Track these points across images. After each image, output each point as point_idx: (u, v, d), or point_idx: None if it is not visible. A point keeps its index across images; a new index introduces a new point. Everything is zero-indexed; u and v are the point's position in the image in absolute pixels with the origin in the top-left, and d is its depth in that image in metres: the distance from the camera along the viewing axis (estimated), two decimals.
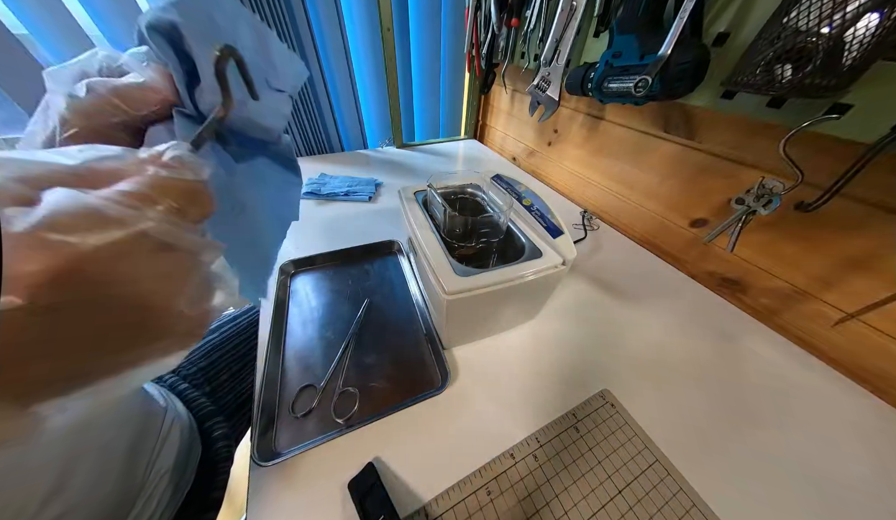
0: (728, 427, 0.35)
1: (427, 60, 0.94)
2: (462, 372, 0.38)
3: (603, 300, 0.50)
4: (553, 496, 0.29)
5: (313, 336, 0.42)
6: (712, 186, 0.49)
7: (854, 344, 0.39)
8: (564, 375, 0.39)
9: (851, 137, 0.33)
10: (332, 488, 0.29)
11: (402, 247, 0.56)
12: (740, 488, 0.30)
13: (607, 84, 0.48)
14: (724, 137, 0.45)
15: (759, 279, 0.47)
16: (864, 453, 0.33)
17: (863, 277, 0.37)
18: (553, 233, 0.38)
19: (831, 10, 0.27)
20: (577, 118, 0.71)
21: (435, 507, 0.28)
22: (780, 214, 0.40)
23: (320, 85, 0.84)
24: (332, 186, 0.74)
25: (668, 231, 0.57)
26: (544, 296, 0.43)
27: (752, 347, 0.43)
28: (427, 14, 0.86)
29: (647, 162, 0.58)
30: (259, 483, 0.29)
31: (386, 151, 1.00)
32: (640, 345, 0.43)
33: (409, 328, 0.43)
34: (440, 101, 1.04)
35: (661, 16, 0.42)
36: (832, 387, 0.39)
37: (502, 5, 0.69)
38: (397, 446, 0.32)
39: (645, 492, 0.30)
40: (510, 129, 0.97)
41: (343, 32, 0.79)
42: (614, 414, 0.35)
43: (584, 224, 0.67)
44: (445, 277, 0.31)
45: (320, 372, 0.37)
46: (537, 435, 0.33)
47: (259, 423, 0.32)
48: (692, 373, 0.40)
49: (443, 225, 0.39)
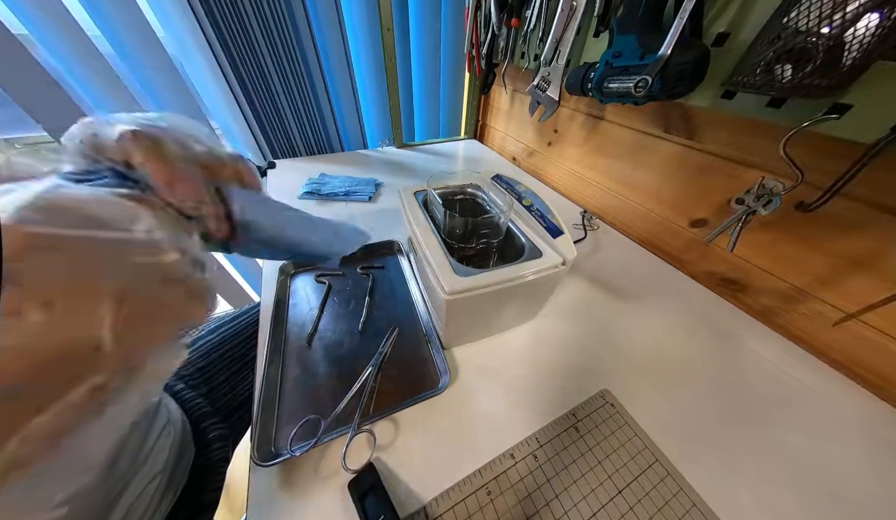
0: (728, 427, 0.35)
1: (427, 60, 0.94)
2: (462, 372, 0.38)
3: (603, 300, 0.50)
4: (553, 496, 0.29)
5: (314, 336, 0.42)
6: (712, 186, 0.49)
7: (854, 344, 0.39)
8: (564, 375, 0.39)
9: (851, 137, 0.33)
10: (333, 488, 0.29)
11: (402, 247, 0.56)
12: (740, 488, 0.30)
13: (607, 84, 0.48)
14: (724, 137, 0.45)
15: (759, 279, 0.47)
16: (864, 452, 0.33)
17: (863, 277, 0.37)
18: (553, 233, 0.38)
19: (831, 10, 0.27)
20: (577, 118, 0.71)
21: (435, 507, 0.28)
22: (780, 214, 0.40)
23: (320, 85, 0.84)
24: (332, 185, 0.74)
25: (668, 231, 0.57)
26: (544, 296, 0.43)
27: (752, 348, 0.43)
28: (427, 14, 0.86)
29: (647, 162, 0.58)
30: (259, 484, 0.29)
31: (386, 151, 1.00)
32: (640, 345, 0.43)
33: (409, 328, 0.43)
34: (440, 101, 1.04)
35: (661, 16, 0.42)
36: (832, 387, 0.39)
37: (502, 5, 0.69)
38: (397, 446, 0.32)
39: (645, 492, 0.30)
40: (510, 129, 0.97)
41: (343, 32, 0.79)
42: (614, 414, 0.35)
43: (584, 224, 0.67)
44: (445, 277, 0.31)
45: (321, 371, 0.37)
46: (537, 435, 0.33)
47: (259, 423, 0.32)
48: (692, 373, 0.40)
49: (443, 225, 0.39)
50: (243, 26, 0.68)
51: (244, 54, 0.72)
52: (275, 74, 0.77)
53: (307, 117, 0.87)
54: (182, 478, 0.35)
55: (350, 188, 0.74)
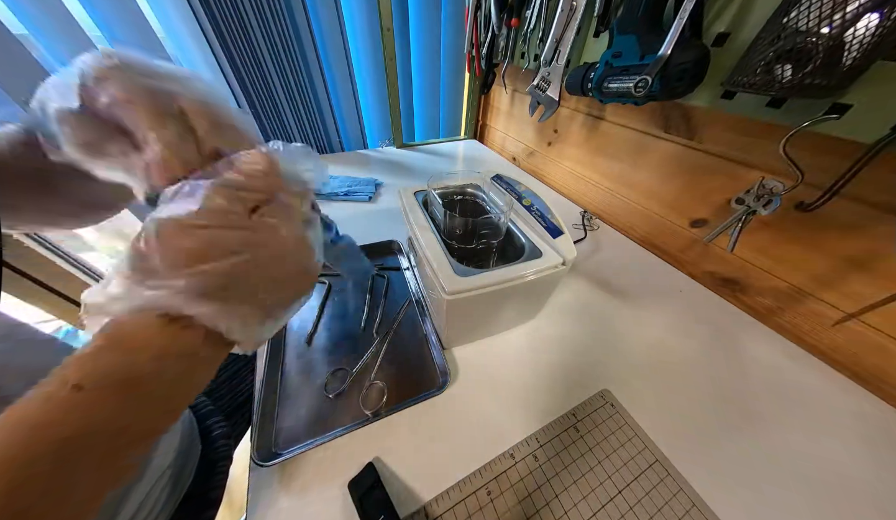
0: (728, 427, 0.35)
1: (427, 60, 0.94)
2: (462, 372, 0.38)
3: (603, 300, 0.50)
4: (553, 496, 0.29)
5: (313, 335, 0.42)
6: (712, 186, 0.48)
7: (854, 344, 0.39)
8: (564, 375, 0.39)
9: (851, 136, 0.33)
10: (333, 488, 0.29)
11: (402, 247, 0.56)
12: (740, 488, 0.30)
13: (607, 84, 0.48)
14: (724, 137, 0.45)
15: (759, 279, 0.46)
16: (864, 452, 0.33)
17: (863, 277, 0.37)
18: (553, 233, 0.38)
19: (831, 10, 0.27)
20: (577, 118, 0.71)
21: (435, 507, 0.28)
22: (780, 214, 0.40)
23: (320, 85, 0.84)
24: (332, 186, 0.74)
25: (668, 231, 0.57)
26: (544, 296, 0.43)
27: (752, 347, 0.43)
28: (427, 14, 0.86)
29: (647, 162, 0.58)
30: (259, 484, 0.29)
31: (386, 151, 1.00)
32: (640, 345, 0.43)
33: (409, 328, 0.43)
34: (440, 101, 1.04)
35: (661, 16, 0.42)
36: (832, 387, 0.39)
37: (502, 5, 0.69)
38: (397, 445, 0.32)
39: (645, 492, 0.30)
40: (510, 129, 0.97)
41: (343, 32, 0.79)
42: (614, 414, 0.35)
43: (583, 224, 0.67)
44: (445, 277, 0.31)
45: (321, 372, 0.37)
46: (537, 435, 0.33)
47: (259, 423, 0.32)
48: (692, 373, 0.40)
49: (443, 225, 0.39)
50: (243, 26, 0.68)
51: (244, 54, 0.72)
52: (275, 74, 0.77)
53: (307, 117, 0.87)
54: (188, 475, 0.35)
55: (350, 188, 0.74)
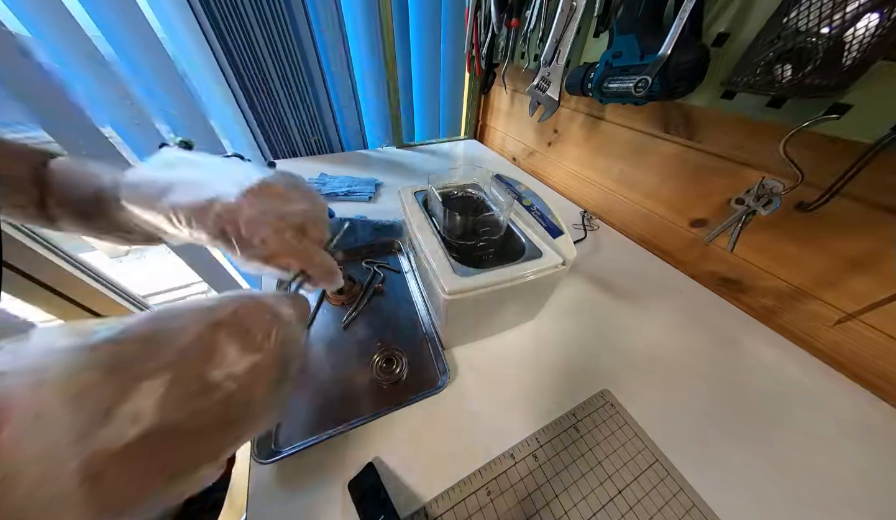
0: (728, 427, 0.35)
1: (427, 60, 0.94)
2: (462, 372, 0.38)
3: (603, 300, 0.50)
4: (553, 497, 0.29)
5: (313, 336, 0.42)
6: (712, 186, 0.48)
7: (854, 344, 0.39)
8: (564, 375, 0.39)
9: (851, 136, 0.33)
10: (333, 487, 0.29)
11: (402, 247, 0.56)
12: (740, 488, 0.30)
13: (607, 84, 0.48)
14: (724, 137, 0.45)
15: (759, 279, 0.46)
16: (864, 452, 0.33)
17: (863, 277, 0.37)
18: (553, 233, 0.38)
19: (831, 10, 0.27)
20: (577, 118, 0.71)
21: (435, 507, 0.28)
22: (780, 214, 0.40)
23: (320, 85, 0.84)
24: (332, 185, 0.74)
25: (668, 231, 0.57)
26: (544, 296, 0.43)
27: (752, 348, 0.43)
28: (427, 14, 0.86)
29: (647, 162, 0.58)
30: (259, 482, 0.29)
31: (386, 151, 1.00)
32: (640, 345, 0.43)
33: (408, 328, 0.43)
34: (440, 101, 1.04)
35: (661, 16, 0.42)
36: (832, 387, 0.39)
37: (502, 5, 0.69)
38: (397, 445, 0.32)
39: (645, 492, 0.30)
40: (510, 129, 0.97)
41: (343, 32, 0.79)
42: (614, 414, 0.35)
43: (584, 224, 0.67)
44: (445, 277, 0.31)
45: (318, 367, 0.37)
46: (537, 435, 0.33)
47: None
48: (692, 373, 0.40)
49: (443, 224, 0.39)
50: (243, 26, 0.68)
51: (244, 54, 0.72)
52: (275, 74, 0.77)
53: (307, 117, 0.87)
54: None
55: (350, 188, 0.74)
